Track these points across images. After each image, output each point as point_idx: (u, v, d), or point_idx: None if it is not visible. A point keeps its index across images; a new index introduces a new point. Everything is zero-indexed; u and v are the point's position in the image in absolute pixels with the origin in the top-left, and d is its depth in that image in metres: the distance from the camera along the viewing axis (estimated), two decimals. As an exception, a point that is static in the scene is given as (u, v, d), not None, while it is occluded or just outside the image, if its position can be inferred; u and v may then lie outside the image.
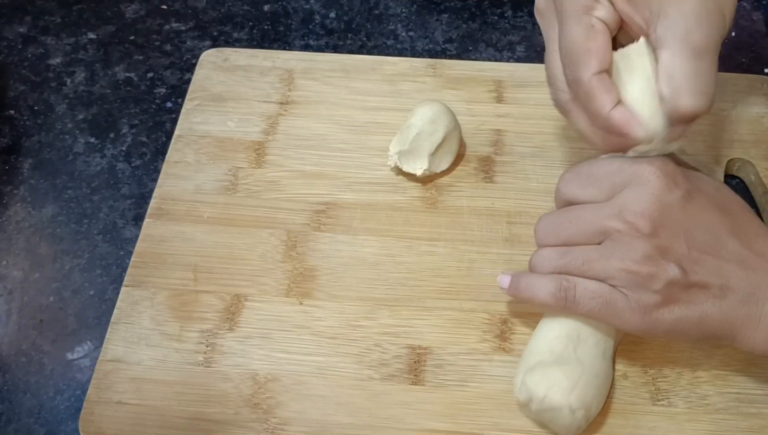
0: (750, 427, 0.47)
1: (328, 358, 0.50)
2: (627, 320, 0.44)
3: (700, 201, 0.45)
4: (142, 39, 0.70)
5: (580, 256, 0.45)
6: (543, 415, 0.45)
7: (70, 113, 0.65)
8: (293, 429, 0.48)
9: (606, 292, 0.44)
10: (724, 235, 0.44)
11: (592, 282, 0.45)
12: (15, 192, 0.60)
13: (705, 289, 0.43)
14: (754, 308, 0.43)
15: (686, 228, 0.44)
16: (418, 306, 0.52)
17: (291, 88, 0.63)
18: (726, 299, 0.43)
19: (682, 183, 0.44)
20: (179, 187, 0.58)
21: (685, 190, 0.44)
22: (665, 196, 0.43)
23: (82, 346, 0.53)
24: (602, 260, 0.44)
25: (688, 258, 0.43)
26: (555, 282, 0.45)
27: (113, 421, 0.48)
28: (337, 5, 0.72)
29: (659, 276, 0.43)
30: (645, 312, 0.43)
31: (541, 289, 0.46)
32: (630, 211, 0.43)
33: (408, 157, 0.56)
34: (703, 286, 0.43)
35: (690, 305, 0.43)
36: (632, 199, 0.44)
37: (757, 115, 0.60)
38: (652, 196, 0.43)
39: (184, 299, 0.53)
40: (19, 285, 0.56)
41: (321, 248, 0.55)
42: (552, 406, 0.44)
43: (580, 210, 0.46)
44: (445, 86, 0.62)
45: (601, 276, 0.44)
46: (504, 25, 0.70)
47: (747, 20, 0.69)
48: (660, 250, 0.43)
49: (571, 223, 0.46)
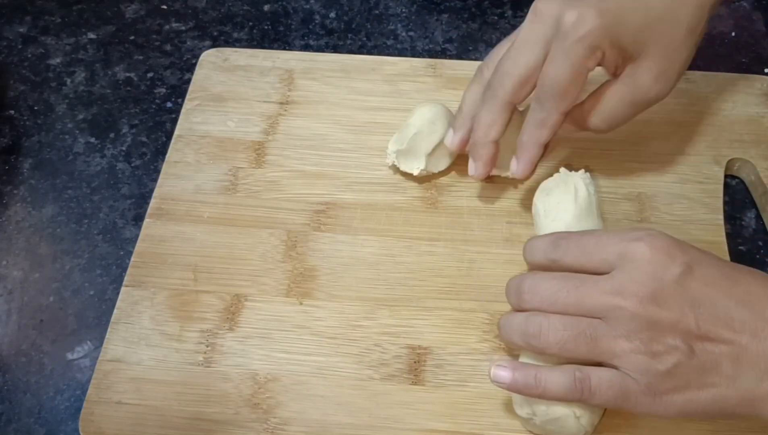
0: (750, 427, 0.47)
1: (328, 358, 0.50)
2: (639, 404, 0.42)
3: (702, 272, 0.42)
4: (142, 39, 0.70)
5: (588, 330, 0.42)
6: (548, 426, 0.45)
7: (70, 113, 0.65)
8: (293, 429, 0.48)
9: (619, 380, 0.42)
10: (733, 305, 0.41)
11: (606, 371, 0.42)
12: (15, 192, 0.60)
13: (717, 368, 0.41)
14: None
15: (691, 303, 0.41)
16: (418, 306, 0.52)
17: (291, 88, 0.63)
18: (741, 378, 0.40)
19: (679, 257, 0.42)
20: (179, 187, 0.58)
21: (684, 265, 0.42)
22: (662, 274, 0.41)
23: (82, 346, 0.53)
24: (609, 339, 0.42)
25: (696, 335, 0.41)
26: (568, 375, 0.43)
27: (113, 421, 0.48)
28: (337, 5, 0.72)
29: (666, 357, 0.41)
30: (656, 395, 0.41)
31: (553, 383, 0.43)
32: (629, 293, 0.41)
33: (405, 157, 0.56)
34: (714, 366, 0.41)
35: (702, 388, 0.41)
36: (628, 279, 0.42)
37: (757, 115, 0.60)
38: (648, 275, 0.41)
39: (184, 299, 0.53)
40: (19, 285, 0.56)
41: (321, 248, 0.55)
42: (557, 417, 0.44)
43: (579, 281, 0.43)
44: (445, 86, 0.62)
45: (607, 355, 0.42)
46: (504, 25, 0.70)
47: (747, 20, 0.69)
48: (665, 329, 0.41)
49: (569, 293, 0.43)
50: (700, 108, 0.61)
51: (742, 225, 0.57)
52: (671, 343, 0.41)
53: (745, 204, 0.58)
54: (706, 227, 0.55)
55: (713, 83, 0.62)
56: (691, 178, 0.57)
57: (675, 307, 0.41)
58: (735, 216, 0.57)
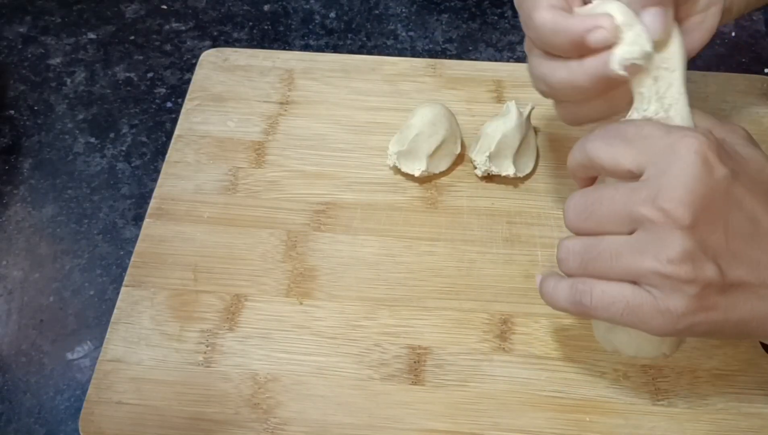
0: (750, 427, 0.47)
1: (328, 358, 0.50)
2: (655, 327, 0.39)
3: (743, 181, 0.38)
4: (142, 39, 0.70)
5: (608, 250, 0.39)
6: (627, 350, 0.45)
7: (70, 113, 0.65)
8: (293, 429, 0.48)
9: (628, 295, 0.39)
10: (766, 221, 0.38)
11: (612, 284, 0.39)
12: (15, 192, 0.60)
13: (744, 288, 0.38)
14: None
15: (726, 216, 0.38)
16: (418, 306, 0.52)
17: (291, 88, 0.63)
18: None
19: (726, 160, 0.38)
20: (179, 187, 0.58)
21: (730, 170, 0.37)
22: (707, 179, 0.37)
23: (82, 346, 0.53)
24: (632, 256, 0.38)
25: (726, 252, 0.38)
26: (570, 288, 0.41)
27: (113, 421, 0.48)
28: (337, 5, 0.72)
29: (696, 279, 0.37)
30: (677, 318, 0.38)
31: (558, 295, 0.41)
32: (667, 197, 0.37)
33: (406, 158, 0.56)
34: (742, 285, 0.38)
35: (728, 309, 0.38)
36: (669, 181, 0.37)
37: (757, 115, 0.60)
38: (693, 178, 0.37)
39: (184, 299, 0.53)
40: (19, 285, 0.56)
41: (321, 248, 0.55)
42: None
43: (613, 190, 0.39)
44: (445, 86, 0.62)
45: (630, 274, 0.39)
46: (504, 25, 0.70)
47: (747, 20, 0.69)
48: (698, 246, 0.37)
49: (602, 203, 0.39)
50: (700, 108, 0.60)
51: (742, 225, 0.57)
52: (702, 263, 0.37)
53: (745, 204, 0.58)
54: (706, 227, 0.55)
55: (713, 83, 0.62)
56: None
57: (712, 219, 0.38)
58: (735, 216, 0.57)
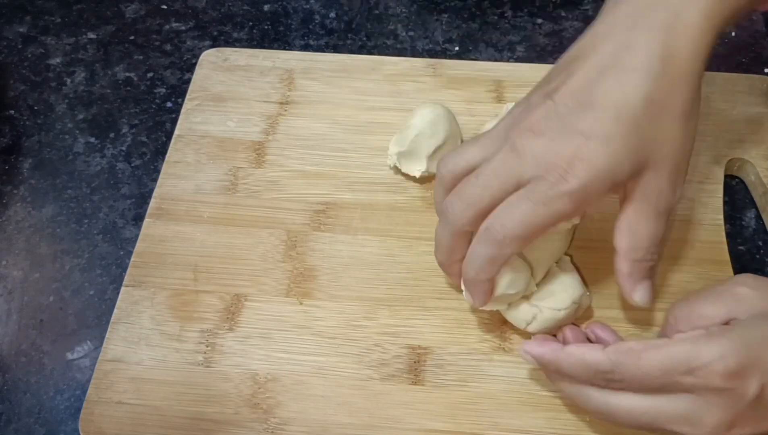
0: (750, 427, 0.47)
1: (328, 358, 0.50)
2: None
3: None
4: (142, 39, 0.70)
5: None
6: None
7: (70, 113, 0.65)
8: (293, 429, 0.48)
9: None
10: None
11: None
12: (15, 192, 0.60)
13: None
14: None
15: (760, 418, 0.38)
16: (418, 306, 0.52)
17: (291, 88, 0.63)
18: None
19: (754, 376, 0.37)
20: (179, 187, 0.58)
21: (759, 384, 0.37)
22: (738, 405, 0.37)
23: (82, 346, 0.53)
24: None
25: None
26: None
27: (113, 421, 0.48)
28: (337, 5, 0.72)
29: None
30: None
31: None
32: (703, 425, 0.38)
33: (407, 158, 0.56)
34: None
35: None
36: (700, 413, 0.38)
37: (757, 115, 0.60)
38: (724, 410, 0.38)
39: (184, 299, 0.53)
40: (19, 285, 0.56)
41: (321, 248, 0.55)
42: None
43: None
44: (445, 86, 0.62)
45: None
46: (504, 25, 0.70)
47: (747, 20, 0.69)
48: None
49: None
50: (700, 108, 0.60)
51: (742, 225, 0.57)
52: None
53: (745, 204, 0.58)
54: (706, 227, 0.55)
55: (713, 83, 0.62)
56: (691, 178, 0.57)
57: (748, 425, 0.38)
58: (735, 216, 0.57)
